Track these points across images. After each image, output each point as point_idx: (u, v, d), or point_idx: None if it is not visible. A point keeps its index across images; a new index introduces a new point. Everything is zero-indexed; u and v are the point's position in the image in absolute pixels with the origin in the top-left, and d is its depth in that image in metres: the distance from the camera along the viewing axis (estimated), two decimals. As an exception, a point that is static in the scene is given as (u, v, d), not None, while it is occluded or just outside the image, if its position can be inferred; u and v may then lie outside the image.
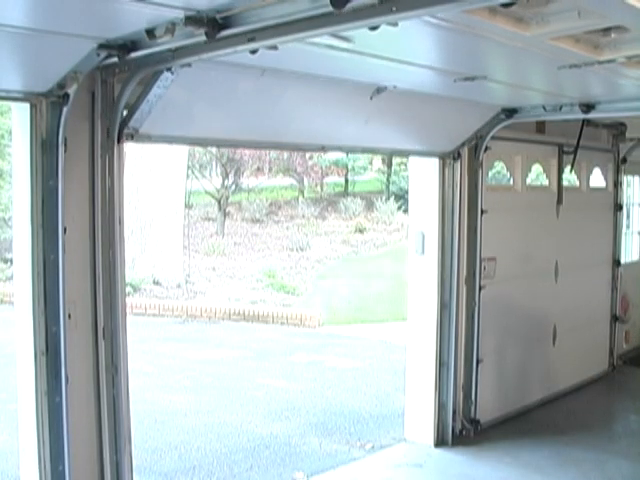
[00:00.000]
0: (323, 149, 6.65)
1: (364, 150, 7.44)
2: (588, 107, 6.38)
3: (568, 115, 6.75)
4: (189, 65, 3.98)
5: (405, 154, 8.15)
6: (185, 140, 5.78)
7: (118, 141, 4.50)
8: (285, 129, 5.72)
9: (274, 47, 3.59)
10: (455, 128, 7.07)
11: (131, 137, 4.58)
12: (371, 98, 5.72)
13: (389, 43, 4.18)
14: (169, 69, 4.07)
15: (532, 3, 3.64)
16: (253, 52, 3.65)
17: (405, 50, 4.53)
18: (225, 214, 25.35)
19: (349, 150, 6.91)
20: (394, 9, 2.95)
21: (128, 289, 14.02)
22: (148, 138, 4.77)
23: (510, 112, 6.95)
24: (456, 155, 7.19)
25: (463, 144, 7.20)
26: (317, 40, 3.85)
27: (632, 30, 4.00)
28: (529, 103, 6.85)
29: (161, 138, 5.04)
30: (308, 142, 6.22)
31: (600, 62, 4.53)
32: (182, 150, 18.57)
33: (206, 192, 25.78)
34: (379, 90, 5.72)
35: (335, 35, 3.70)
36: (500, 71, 5.38)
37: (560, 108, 6.63)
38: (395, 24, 3.25)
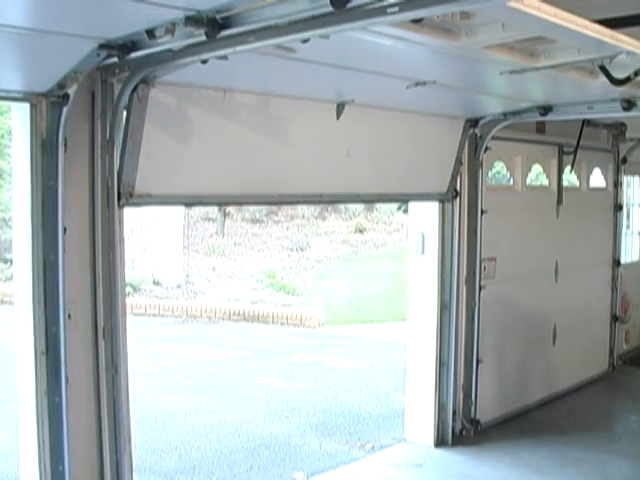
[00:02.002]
0: (321, 198, 6.35)
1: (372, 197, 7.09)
2: (545, 109, 6.58)
3: (530, 118, 6.95)
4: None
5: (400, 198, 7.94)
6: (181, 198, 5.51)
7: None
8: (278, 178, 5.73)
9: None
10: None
11: (130, 195, 4.63)
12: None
13: (336, 52, 4.31)
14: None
15: (457, 16, 3.88)
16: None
17: (354, 58, 4.64)
18: (225, 214, 25.34)
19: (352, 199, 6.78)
20: (394, 9, 2.95)
21: (128, 289, 14.02)
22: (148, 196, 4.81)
23: (475, 122, 7.13)
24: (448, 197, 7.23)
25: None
26: (267, 50, 3.93)
27: (559, 40, 4.25)
28: (491, 111, 7.00)
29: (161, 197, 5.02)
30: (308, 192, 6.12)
31: (537, 68, 4.72)
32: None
33: (206, 192, 25.72)
34: (339, 107, 5.80)
35: (280, 46, 3.81)
36: (448, 77, 5.45)
37: (520, 113, 6.80)
38: (327, 37, 3.36)
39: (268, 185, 5.58)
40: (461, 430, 7.56)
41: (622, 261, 10.27)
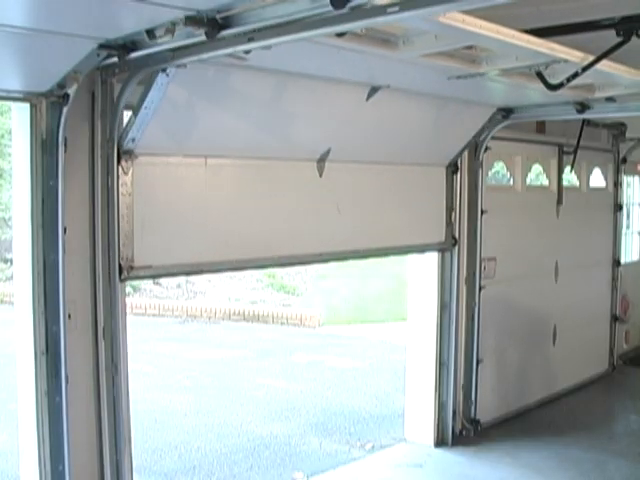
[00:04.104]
0: (320, 257, 6.33)
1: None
2: (507, 112, 6.88)
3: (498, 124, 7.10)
4: (185, 66, 4.01)
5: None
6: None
7: (118, 157, 4.56)
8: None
9: (267, 47, 3.61)
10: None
11: (131, 269, 4.68)
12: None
13: (288, 60, 4.48)
14: (164, 70, 4.10)
15: (389, 28, 4.10)
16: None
17: (309, 65, 4.81)
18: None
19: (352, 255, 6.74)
20: (394, 9, 2.95)
21: (128, 289, 14.01)
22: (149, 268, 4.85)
23: (455, 167, 7.22)
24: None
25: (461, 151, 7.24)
26: (221, 59, 4.02)
27: (493, 49, 4.52)
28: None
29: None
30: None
31: (481, 74, 4.92)
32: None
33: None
34: (320, 162, 5.88)
35: (232, 55, 3.89)
36: (401, 81, 5.55)
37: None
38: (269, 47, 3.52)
39: (265, 249, 5.62)
40: (461, 430, 7.56)
41: (622, 261, 10.27)
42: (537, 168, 9.51)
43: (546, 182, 9.13)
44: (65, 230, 4.28)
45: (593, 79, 5.50)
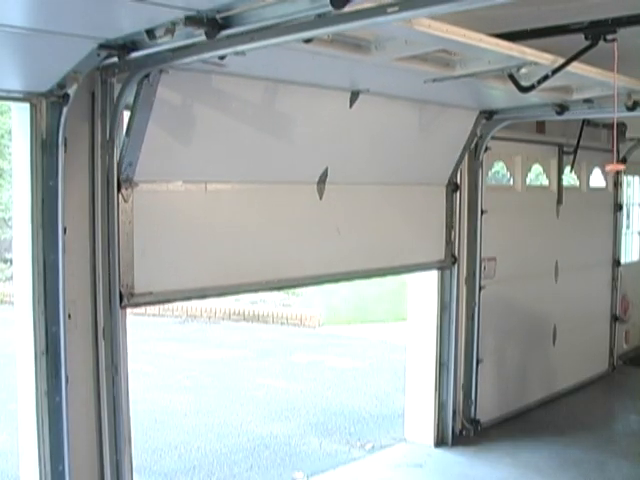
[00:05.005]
0: (320, 279, 6.34)
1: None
2: (490, 114, 6.96)
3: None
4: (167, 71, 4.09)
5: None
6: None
7: (118, 185, 4.57)
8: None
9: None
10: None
11: (131, 296, 4.68)
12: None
13: (268, 65, 4.57)
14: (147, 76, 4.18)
15: (361, 33, 4.20)
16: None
17: (289, 71, 4.89)
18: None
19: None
20: (394, 9, 2.95)
21: (128, 289, 13.99)
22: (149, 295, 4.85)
23: (455, 186, 7.28)
24: None
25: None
26: (196, 66, 4.12)
27: (463, 52, 4.60)
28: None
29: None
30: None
31: (455, 77, 5.03)
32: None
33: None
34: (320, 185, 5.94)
35: (207, 62, 3.97)
36: (380, 85, 5.61)
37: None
38: (243, 53, 3.61)
39: (265, 272, 5.62)
40: (461, 430, 7.56)
41: (622, 261, 10.28)
42: (537, 168, 9.51)
43: (546, 182, 9.13)
44: (65, 230, 4.28)
45: (567, 81, 5.63)
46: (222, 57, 3.81)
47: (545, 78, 5.02)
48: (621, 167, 7.51)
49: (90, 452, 4.58)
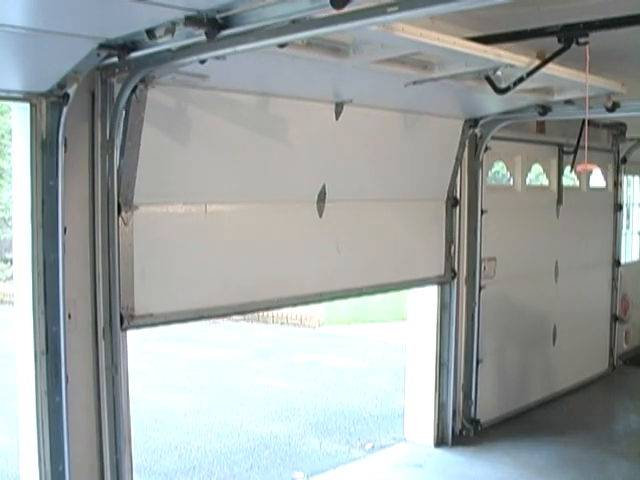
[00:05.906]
0: (321, 297, 6.35)
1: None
2: (475, 122, 7.01)
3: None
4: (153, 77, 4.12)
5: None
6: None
7: (118, 208, 4.57)
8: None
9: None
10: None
11: (131, 318, 4.67)
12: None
13: (247, 75, 4.60)
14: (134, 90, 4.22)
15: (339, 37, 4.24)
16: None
17: (272, 80, 4.93)
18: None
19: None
20: (394, 9, 2.94)
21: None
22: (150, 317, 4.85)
23: (455, 200, 7.30)
24: None
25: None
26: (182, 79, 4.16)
27: (439, 55, 4.64)
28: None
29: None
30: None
31: (434, 79, 5.07)
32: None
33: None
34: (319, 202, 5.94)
35: (190, 74, 4.01)
36: (362, 93, 5.63)
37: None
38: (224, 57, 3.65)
39: (266, 292, 5.63)
40: (461, 430, 7.56)
41: (622, 261, 10.28)
42: (537, 168, 9.51)
43: (546, 182, 9.13)
44: (65, 230, 4.28)
45: (546, 83, 5.70)
46: (202, 61, 3.80)
47: (520, 80, 5.08)
48: (593, 167, 7.48)
49: (90, 452, 4.58)
